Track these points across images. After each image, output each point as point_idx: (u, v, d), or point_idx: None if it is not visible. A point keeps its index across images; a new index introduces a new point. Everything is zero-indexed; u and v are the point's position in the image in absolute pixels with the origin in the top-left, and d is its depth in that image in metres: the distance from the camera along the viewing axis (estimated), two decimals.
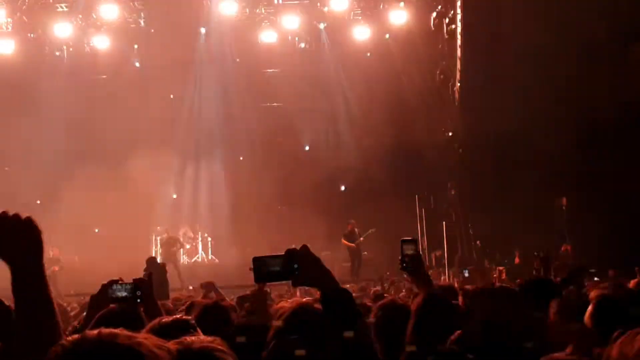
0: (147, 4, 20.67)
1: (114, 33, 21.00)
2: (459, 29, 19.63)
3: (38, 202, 18.60)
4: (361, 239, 20.02)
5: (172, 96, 20.16)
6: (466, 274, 16.84)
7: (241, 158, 20.13)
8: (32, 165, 19.28)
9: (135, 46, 21.40)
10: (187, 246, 21.28)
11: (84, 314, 5.60)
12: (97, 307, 3.47)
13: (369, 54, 20.77)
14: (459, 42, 19.86)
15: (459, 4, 19.46)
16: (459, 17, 19.55)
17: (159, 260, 16.13)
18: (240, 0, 20.05)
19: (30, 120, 19.20)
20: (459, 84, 20.17)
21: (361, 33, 20.74)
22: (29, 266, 2.05)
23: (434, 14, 20.63)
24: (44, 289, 2.07)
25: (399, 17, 20.34)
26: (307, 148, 21.02)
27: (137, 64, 21.26)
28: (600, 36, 17.15)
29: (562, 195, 19.17)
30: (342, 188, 20.69)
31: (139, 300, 3.56)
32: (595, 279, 12.66)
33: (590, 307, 3.63)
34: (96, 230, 18.70)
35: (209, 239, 20.79)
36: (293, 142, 21.32)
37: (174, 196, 20.13)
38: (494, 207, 19.05)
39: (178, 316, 2.99)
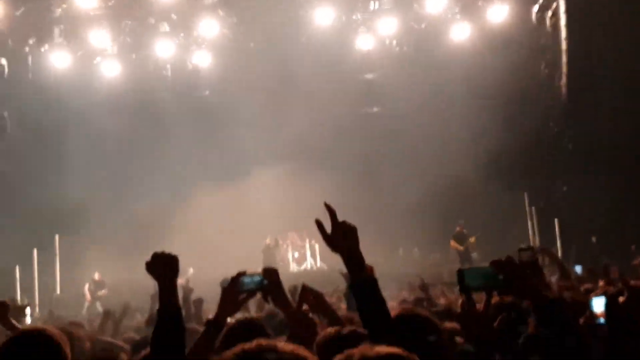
0: (243, 19, 22.01)
1: (214, 49, 22.50)
2: (562, 21, 19.95)
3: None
4: (470, 239, 20.60)
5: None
6: (579, 271, 17.05)
7: (346, 164, 21.15)
8: (156, 185, 21.05)
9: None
10: (296, 254, 22.56)
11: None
12: (229, 299, 3.63)
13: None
14: (563, 34, 20.18)
15: None
16: (562, 8, 19.85)
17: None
18: (336, 8, 21.05)
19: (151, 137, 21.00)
20: (565, 78, 20.49)
21: (460, 32, 21.37)
22: None
23: (536, 7, 21.00)
24: None
25: (499, 12, 20.79)
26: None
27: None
28: None
29: None
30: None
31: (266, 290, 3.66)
32: None
33: None
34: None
35: (317, 245, 21.82)
36: (395, 147, 22.12)
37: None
38: (608, 202, 19.24)
39: (354, 328, 3.06)
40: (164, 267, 3.21)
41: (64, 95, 21.93)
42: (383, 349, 1.91)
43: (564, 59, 20.33)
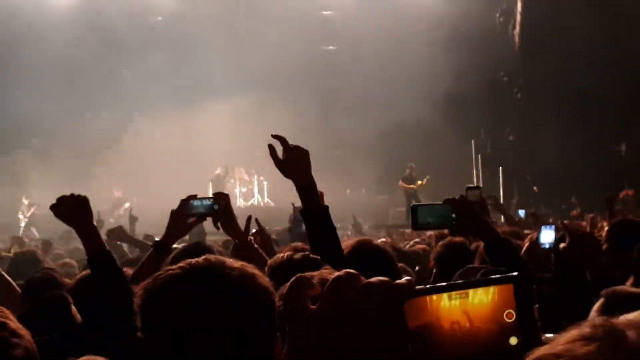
0: None
1: None
2: None
3: None
4: (419, 182, 20.75)
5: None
6: (522, 215, 17.24)
7: (299, 101, 21.00)
8: (104, 108, 20.56)
9: None
10: (243, 189, 22.47)
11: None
12: (177, 222, 3.56)
13: None
14: None
15: None
16: None
17: None
18: None
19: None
20: (519, 27, 20.61)
21: None
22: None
23: None
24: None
25: None
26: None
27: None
28: None
29: (622, 141, 19.71)
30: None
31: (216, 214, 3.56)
32: None
33: None
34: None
35: (265, 182, 21.80)
36: (348, 87, 22.03)
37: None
38: (552, 153, 19.66)
39: (307, 253, 2.87)
40: (74, 210, 3.05)
41: (14, 12, 21.14)
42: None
43: (519, 8, 20.42)
